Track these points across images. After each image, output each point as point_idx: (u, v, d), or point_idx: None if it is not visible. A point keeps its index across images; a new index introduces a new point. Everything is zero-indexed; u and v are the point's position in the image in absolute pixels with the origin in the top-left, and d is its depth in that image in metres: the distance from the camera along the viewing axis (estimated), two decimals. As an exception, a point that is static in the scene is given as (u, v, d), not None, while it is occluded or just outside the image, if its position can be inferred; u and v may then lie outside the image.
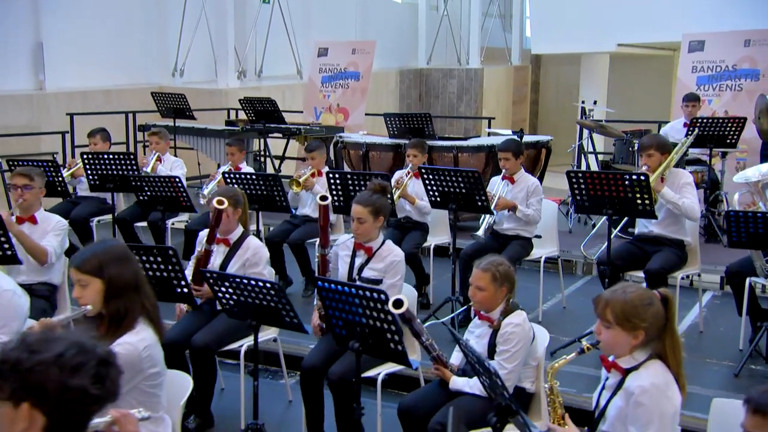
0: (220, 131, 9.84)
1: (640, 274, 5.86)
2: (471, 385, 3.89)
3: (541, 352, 3.99)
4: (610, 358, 3.06)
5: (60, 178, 7.12)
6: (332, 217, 7.13)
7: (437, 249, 7.15)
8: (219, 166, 10.66)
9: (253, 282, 4.10)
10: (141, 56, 13.76)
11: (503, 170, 6.39)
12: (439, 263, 7.14)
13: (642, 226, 6.04)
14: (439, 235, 7.06)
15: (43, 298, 5.13)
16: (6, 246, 4.83)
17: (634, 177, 5.32)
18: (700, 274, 6.20)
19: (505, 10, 21.72)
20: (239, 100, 10.17)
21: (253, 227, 6.46)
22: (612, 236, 5.79)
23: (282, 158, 11.02)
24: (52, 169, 7.08)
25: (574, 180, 5.58)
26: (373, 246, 4.77)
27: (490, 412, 3.76)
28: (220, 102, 13.22)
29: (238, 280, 4.15)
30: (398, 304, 3.54)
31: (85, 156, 7.06)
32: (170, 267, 4.51)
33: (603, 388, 3.14)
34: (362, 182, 6.34)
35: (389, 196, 5.65)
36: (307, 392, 4.59)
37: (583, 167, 10.13)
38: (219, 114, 12.63)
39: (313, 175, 7.04)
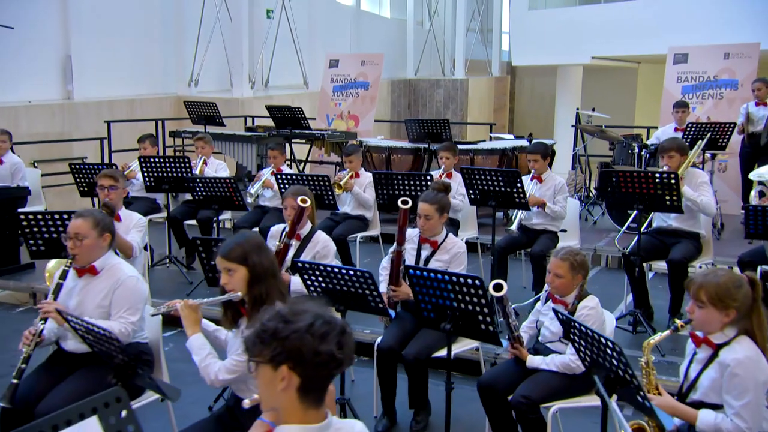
0: (248, 137, 9.83)
1: (662, 263, 6.02)
2: (548, 362, 3.99)
3: (608, 333, 4.10)
4: (700, 335, 3.18)
5: (119, 180, 7.13)
6: (369, 213, 7.24)
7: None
8: (240, 167, 10.71)
9: (344, 270, 4.16)
10: (160, 68, 13.77)
11: (532, 171, 6.50)
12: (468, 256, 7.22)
13: (661, 220, 6.15)
14: (467, 231, 7.16)
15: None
16: (109, 241, 4.87)
17: (665, 175, 5.44)
18: (714, 263, 6.35)
19: (482, 26, 21.91)
20: (267, 107, 10.20)
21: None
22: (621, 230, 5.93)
23: (305, 162, 11.06)
24: (111, 171, 7.09)
25: (609, 177, 5.70)
26: (438, 239, 4.86)
27: (566, 384, 3.93)
28: (235, 110, 13.24)
29: (329, 268, 4.20)
30: (499, 287, 3.64)
31: (142, 159, 7.07)
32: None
33: (690, 362, 3.25)
34: (407, 182, 6.41)
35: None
36: (382, 371, 4.65)
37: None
38: (235, 121, 12.65)
39: (351, 177, 7.11)
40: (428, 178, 6.30)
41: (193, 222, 7.56)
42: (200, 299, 3.44)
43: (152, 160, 7.06)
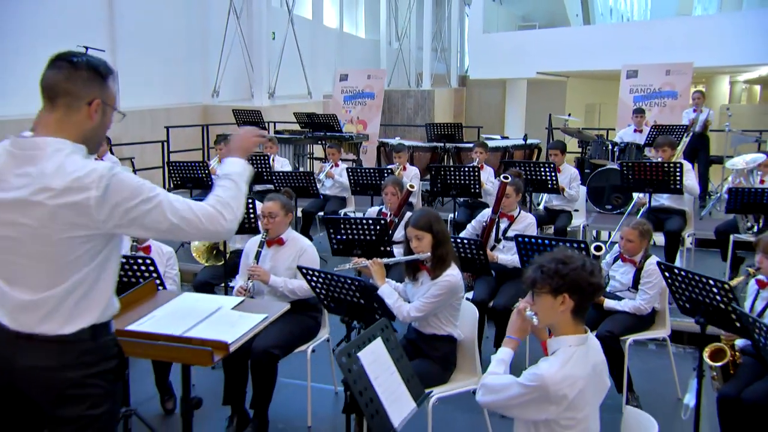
0: (286, 138, 10.06)
1: (659, 235, 6.56)
2: (621, 305, 4.45)
3: (665, 284, 4.57)
4: (765, 279, 3.69)
5: (206, 173, 7.34)
6: (414, 200, 7.60)
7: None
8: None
9: (459, 239, 4.56)
10: (188, 81, 13.82)
11: (552, 163, 6.96)
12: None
13: (654, 200, 6.68)
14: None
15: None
16: (252, 220, 5.18)
17: (672, 164, 5.98)
18: (695, 233, 6.92)
19: (441, 45, 22.36)
20: (294, 114, 10.45)
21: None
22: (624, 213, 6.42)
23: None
24: (201, 168, 7.30)
25: (625, 167, 6.22)
26: (513, 214, 5.28)
27: (636, 322, 4.41)
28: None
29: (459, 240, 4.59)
30: (599, 248, 4.09)
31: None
32: (380, 233, 4.92)
33: (755, 300, 3.75)
34: (457, 173, 6.77)
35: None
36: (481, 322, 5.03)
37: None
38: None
39: (401, 170, 7.48)
40: (476, 170, 6.70)
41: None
42: (388, 259, 3.82)
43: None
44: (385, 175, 6.95)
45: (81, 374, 2.00)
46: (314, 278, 3.51)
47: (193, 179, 7.32)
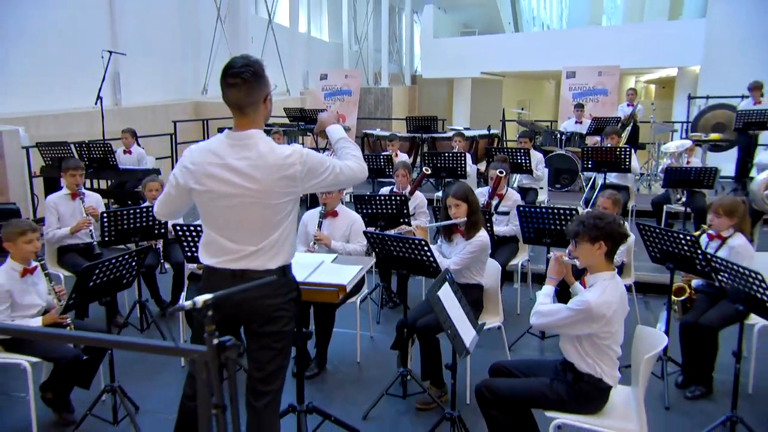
0: (283, 131, 10.33)
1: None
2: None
3: (630, 243, 5.12)
4: (713, 233, 4.30)
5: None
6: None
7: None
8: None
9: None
10: (181, 80, 13.85)
11: (526, 149, 7.49)
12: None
13: (602, 179, 7.33)
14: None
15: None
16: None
17: (622, 149, 6.61)
18: (636, 204, 7.58)
19: (393, 47, 22.76)
20: (284, 109, 10.70)
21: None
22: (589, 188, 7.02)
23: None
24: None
25: (586, 152, 6.82)
26: (502, 192, 5.79)
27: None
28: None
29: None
30: (588, 215, 4.63)
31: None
32: (398, 207, 5.35)
33: (705, 249, 4.36)
34: (449, 158, 7.22)
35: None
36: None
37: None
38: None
39: (395, 155, 7.90)
40: (462, 156, 7.19)
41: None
42: (430, 224, 4.26)
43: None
44: (382, 160, 7.38)
45: (280, 301, 2.43)
46: (377, 240, 3.94)
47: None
